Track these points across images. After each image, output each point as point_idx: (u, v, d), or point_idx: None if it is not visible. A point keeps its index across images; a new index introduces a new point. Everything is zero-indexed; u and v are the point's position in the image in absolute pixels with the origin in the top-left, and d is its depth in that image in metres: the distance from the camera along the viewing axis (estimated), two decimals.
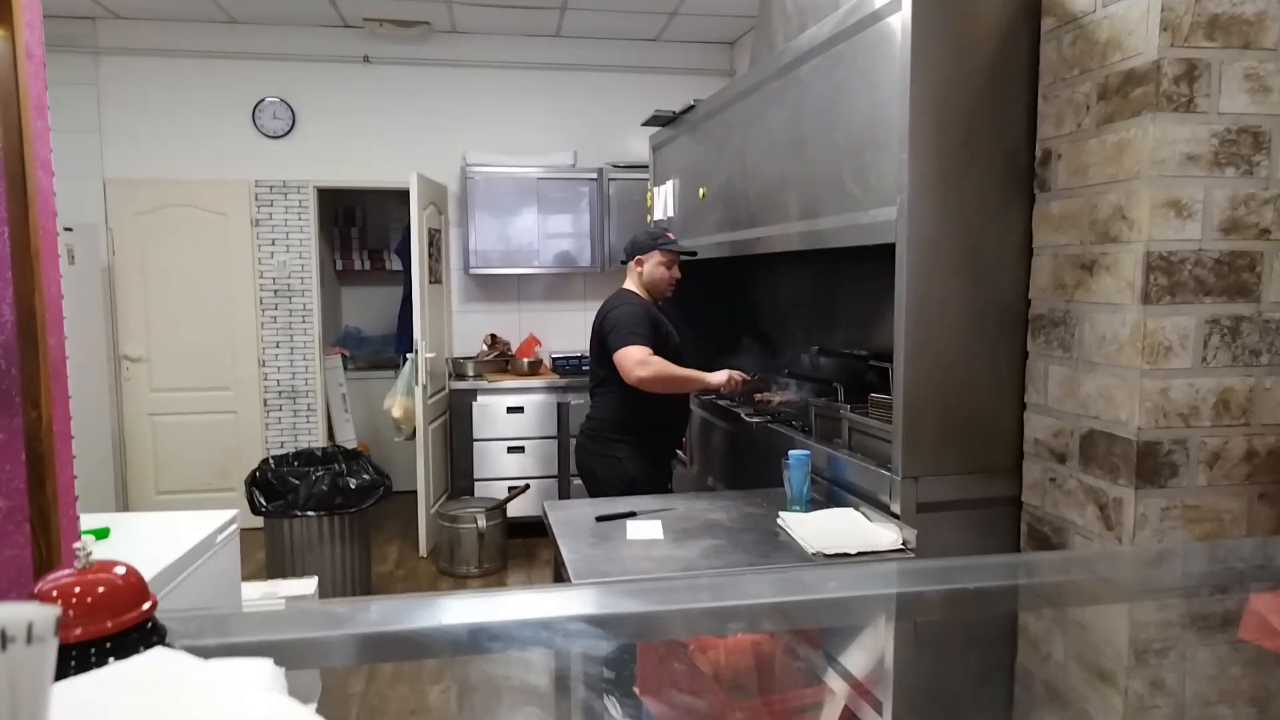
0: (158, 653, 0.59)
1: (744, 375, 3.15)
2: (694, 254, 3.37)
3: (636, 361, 3.00)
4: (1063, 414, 2.05)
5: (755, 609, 0.80)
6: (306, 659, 0.75)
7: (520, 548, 5.07)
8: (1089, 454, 1.97)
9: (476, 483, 5.22)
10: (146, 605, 0.65)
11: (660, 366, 3.02)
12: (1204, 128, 1.78)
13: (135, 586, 0.65)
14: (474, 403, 5.21)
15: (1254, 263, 1.84)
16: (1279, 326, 1.86)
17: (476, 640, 0.71)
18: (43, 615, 0.41)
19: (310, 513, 3.96)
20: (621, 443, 3.16)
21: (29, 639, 0.40)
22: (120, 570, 0.65)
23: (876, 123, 2.21)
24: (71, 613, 0.62)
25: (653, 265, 3.22)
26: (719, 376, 3.10)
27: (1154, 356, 1.81)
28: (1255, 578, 1.53)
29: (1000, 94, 2.12)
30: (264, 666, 0.57)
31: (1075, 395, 2.01)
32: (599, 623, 0.70)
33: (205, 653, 0.58)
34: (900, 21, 2.06)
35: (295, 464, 4.23)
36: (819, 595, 0.84)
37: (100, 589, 0.65)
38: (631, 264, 3.27)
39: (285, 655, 0.61)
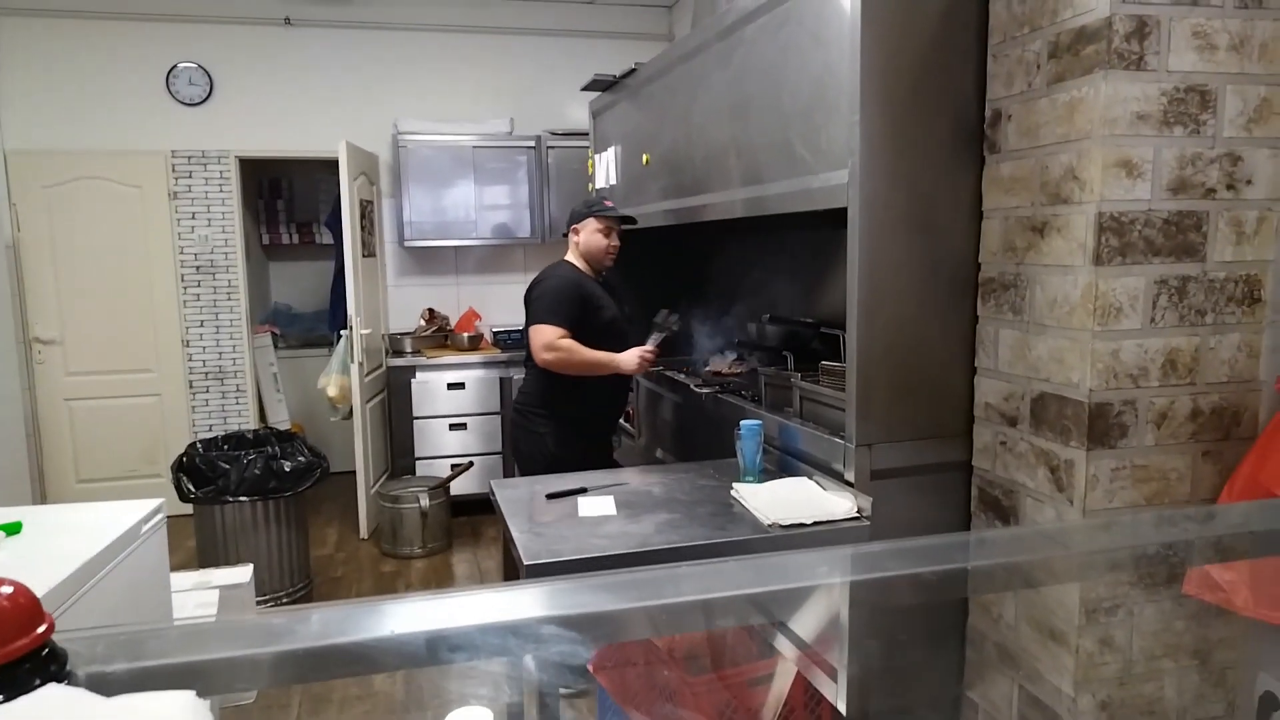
0: (51, 690, 0.50)
1: (652, 350, 3.03)
2: (633, 221, 3.26)
3: (543, 344, 2.91)
4: (1013, 377, 2.05)
5: (741, 600, 0.74)
6: (238, 682, 0.66)
7: (465, 526, 4.98)
8: (1040, 417, 1.97)
9: (418, 461, 5.10)
10: (41, 629, 0.55)
11: (566, 352, 2.91)
12: (1154, 86, 1.77)
13: (26, 608, 0.55)
14: (413, 379, 5.07)
15: (1200, 223, 1.84)
16: (1223, 286, 1.88)
17: (435, 651, 0.63)
18: None
19: (243, 498, 3.80)
20: (545, 418, 3.07)
21: None
22: (7, 590, 0.55)
23: (826, 84, 2.16)
24: None
25: (589, 233, 3.12)
26: (629, 361, 2.98)
27: (1105, 318, 1.81)
28: (1201, 540, 1.55)
29: (951, 53, 2.08)
30: (184, 701, 0.48)
31: (1026, 358, 2.00)
32: (573, 624, 0.63)
33: (116, 683, 0.50)
34: None
35: (225, 448, 4.05)
36: (810, 582, 0.79)
37: None
38: (570, 234, 3.18)
39: (213, 679, 0.53)
